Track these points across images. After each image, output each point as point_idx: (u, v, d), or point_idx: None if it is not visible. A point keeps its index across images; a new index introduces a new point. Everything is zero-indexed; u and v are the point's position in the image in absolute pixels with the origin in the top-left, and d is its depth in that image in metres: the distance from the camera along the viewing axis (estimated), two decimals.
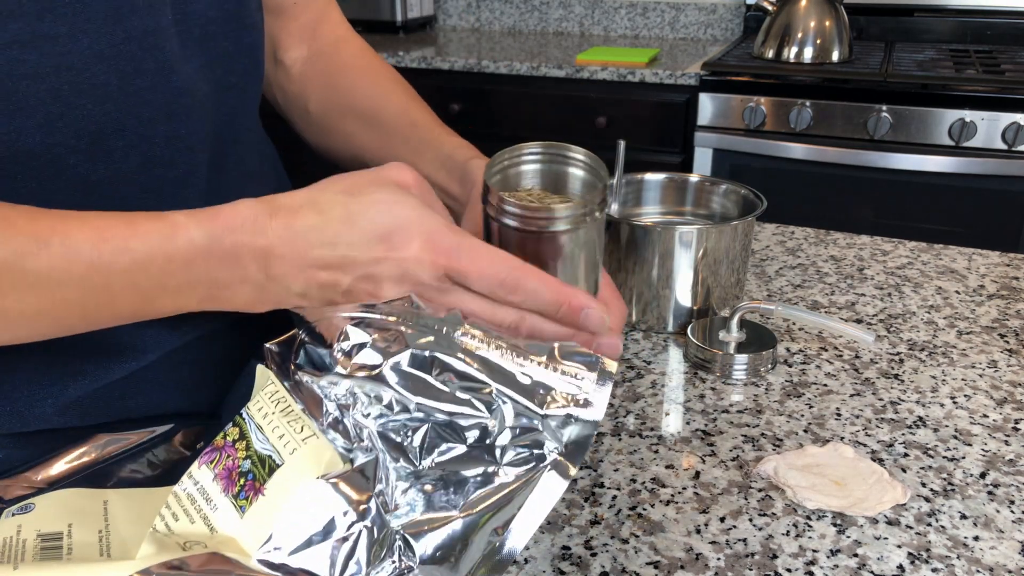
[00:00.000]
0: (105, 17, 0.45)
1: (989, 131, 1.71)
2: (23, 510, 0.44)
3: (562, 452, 0.42)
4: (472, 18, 2.80)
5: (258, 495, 0.41)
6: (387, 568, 0.40)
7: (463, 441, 0.42)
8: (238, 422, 0.44)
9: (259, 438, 0.42)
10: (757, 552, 0.49)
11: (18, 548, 0.41)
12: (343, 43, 0.71)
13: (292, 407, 0.44)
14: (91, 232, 0.39)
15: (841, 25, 1.95)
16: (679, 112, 2.03)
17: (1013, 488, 0.55)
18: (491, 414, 0.42)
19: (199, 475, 0.43)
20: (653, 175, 0.85)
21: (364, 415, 0.42)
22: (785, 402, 0.65)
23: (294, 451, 0.41)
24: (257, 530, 0.40)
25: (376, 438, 0.42)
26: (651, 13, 2.57)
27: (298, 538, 0.40)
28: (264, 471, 0.41)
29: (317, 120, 0.70)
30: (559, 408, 0.42)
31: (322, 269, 0.42)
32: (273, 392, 0.44)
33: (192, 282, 0.41)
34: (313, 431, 0.43)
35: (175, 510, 0.42)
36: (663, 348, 0.73)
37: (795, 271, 0.89)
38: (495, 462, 0.42)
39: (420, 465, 0.42)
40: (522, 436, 0.42)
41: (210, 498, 0.42)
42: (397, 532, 0.41)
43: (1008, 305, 0.81)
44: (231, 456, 0.42)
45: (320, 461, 0.41)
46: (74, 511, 0.44)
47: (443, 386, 0.42)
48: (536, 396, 0.42)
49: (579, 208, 0.45)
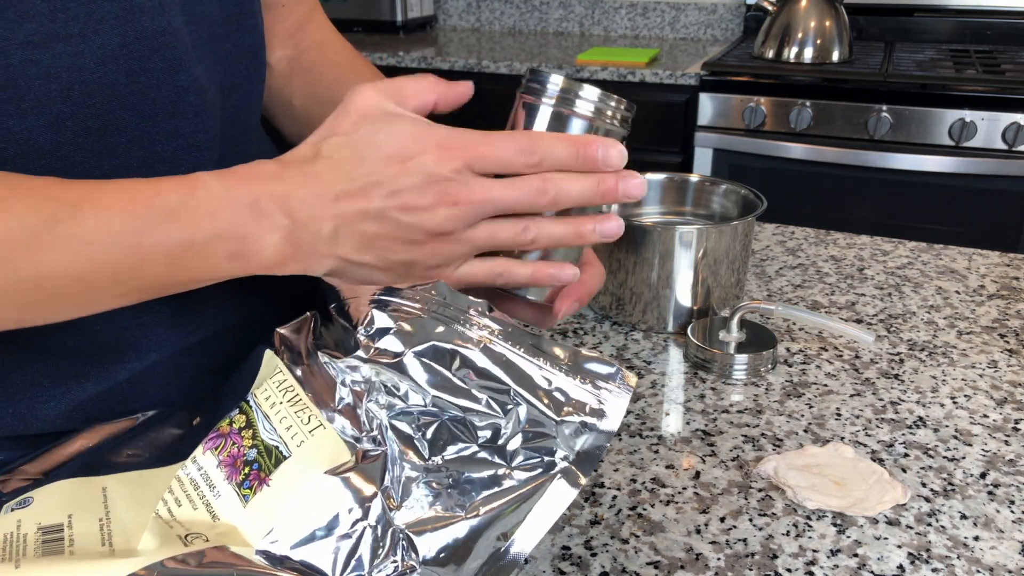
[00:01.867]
0: (117, 17, 0.45)
1: (989, 131, 1.71)
2: (22, 504, 0.44)
3: (573, 460, 0.42)
4: (472, 18, 2.80)
5: (263, 485, 0.41)
6: (389, 567, 0.40)
7: (474, 440, 0.42)
8: (244, 409, 0.44)
9: (266, 427, 0.42)
10: (757, 552, 0.49)
11: (19, 544, 0.41)
12: (327, 43, 0.73)
13: (300, 396, 0.43)
14: (120, 194, 0.40)
15: (841, 25, 1.95)
16: (679, 112, 2.03)
17: (1013, 488, 0.55)
18: (505, 415, 0.42)
19: (203, 460, 0.42)
20: (653, 175, 0.85)
21: (379, 405, 0.42)
22: (785, 402, 0.65)
23: (301, 443, 0.41)
24: (259, 521, 0.40)
25: (387, 429, 0.42)
26: (651, 13, 2.57)
27: (301, 532, 0.39)
28: (270, 462, 0.41)
29: (302, 114, 0.71)
30: (574, 416, 0.42)
31: (347, 200, 0.43)
32: (281, 381, 0.44)
33: (219, 235, 0.41)
34: (320, 421, 0.42)
35: (178, 495, 0.42)
36: (663, 348, 0.73)
37: (795, 271, 0.89)
38: (505, 464, 0.42)
39: (429, 461, 0.41)
40: (534, 440, 0.42)
41: (213, 484, 0.41)
42: (400, 531, 0.41)
43: (1008, 305, 0.81)
44: (236, 444, 0.42)
45: (327, 454, 0.41)
46: (73, 501, 0.44)
47: (461, 382, 0.42)
48: (553, 401, 0.42)
49: (611, 106, 0.49)
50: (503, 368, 0.42)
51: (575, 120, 0.48)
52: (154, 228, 0.40)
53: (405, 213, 0.43)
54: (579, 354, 0.44)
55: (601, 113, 0.48)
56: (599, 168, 0.46)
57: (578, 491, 0.41)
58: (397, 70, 2.24)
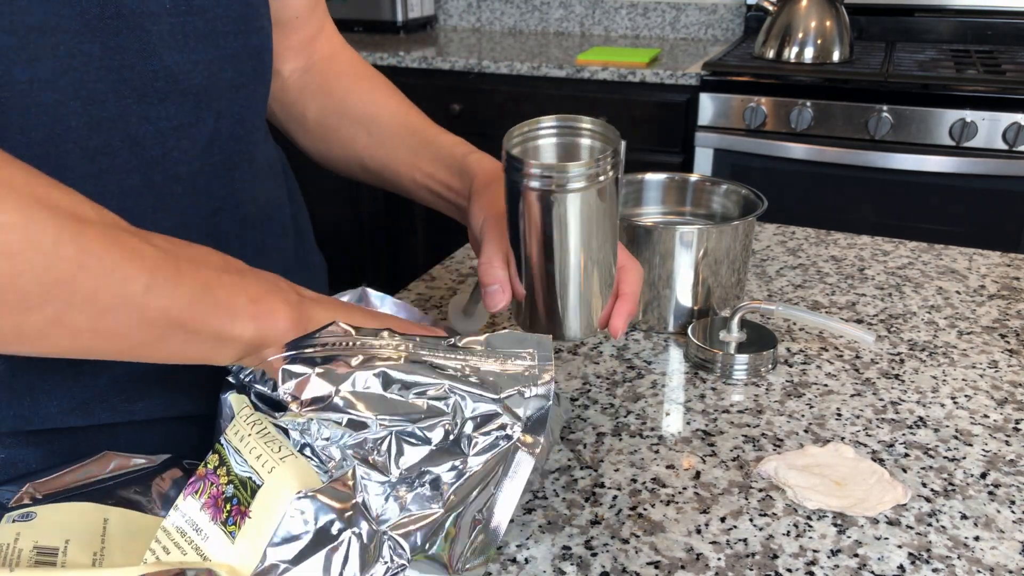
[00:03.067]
0: None
1: (990, 131, 1.71)
2: (24, 517, 0.44)
3: (525, 428, 0.44)
4: (472, 18, 2.80)
5: (245, 518, 0.41)
6: (379, 570, 0.41)
7: (428, 443, 0.43)
8: (217, 449, 0.44)
9: (237, 461, 0.43)
10: (757, 552, 0.49)
11: (13, 556, 0.41)
12: (338, 55, 0.73)
13: (268, 429, 0.44)
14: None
15: (842, 25, 1.94)
16: (680, 112, 2.03)
17: (1014, 488, 0.55)
18: (451, 411, 0.43)
19: (185, 507, 0.43)
20: (654, 175, 0.85)
21: (325, 439, 0.43)
22: (785, 402, 0.65)
23: (272, 469, 0.42)
24: (249, 553, 0.40)
25: (346, 453, 0.43)
26: (652, 13, 2.57)
27: (290, 552, 0.40)
28: (247, 493, 0.42)
29: (315, 127, 0.71)
30: (511, 389, 0.44)
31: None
32: (248, 415, 0.45)
33: (245, 276, 0.44)
34: (290, 451, 0.43)
35: (165, 544, 0.42)
36: (664, 348, 0.73)
37: (796, 271, 0.89)
38: (463, 454, 0.43)
39: (391, 475, 0.43)
40: (484, 425, 0.44)
41: (200, 528, 0.42)
42: (385, 534, 0.42)
43: (1008, 305, 0.81)
44: (214, 484, 0.43)
45: (298, 477, 0.42)
46: (73, 526, 0.44)
47: (398, 396, 0.43)
48: (487, 384, 0.44)
49: (592, 167, 0.48)
50: (431, 372, 0.44)
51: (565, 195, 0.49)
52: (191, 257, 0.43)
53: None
54: (491, 338, 0.47)
55: (589, 175, 0.48)
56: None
57: (535, 456, 0.43)
58: (397, 70, 2.23)
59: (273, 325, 0.44)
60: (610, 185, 0.50)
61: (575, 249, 0.51)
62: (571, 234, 0.50)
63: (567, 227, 0.50)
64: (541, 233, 0.50)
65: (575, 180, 0.48)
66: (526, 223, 0.50)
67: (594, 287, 0.54)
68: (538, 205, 0.49)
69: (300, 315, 0.45)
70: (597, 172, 0.48)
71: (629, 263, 0.57)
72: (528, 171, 0.48)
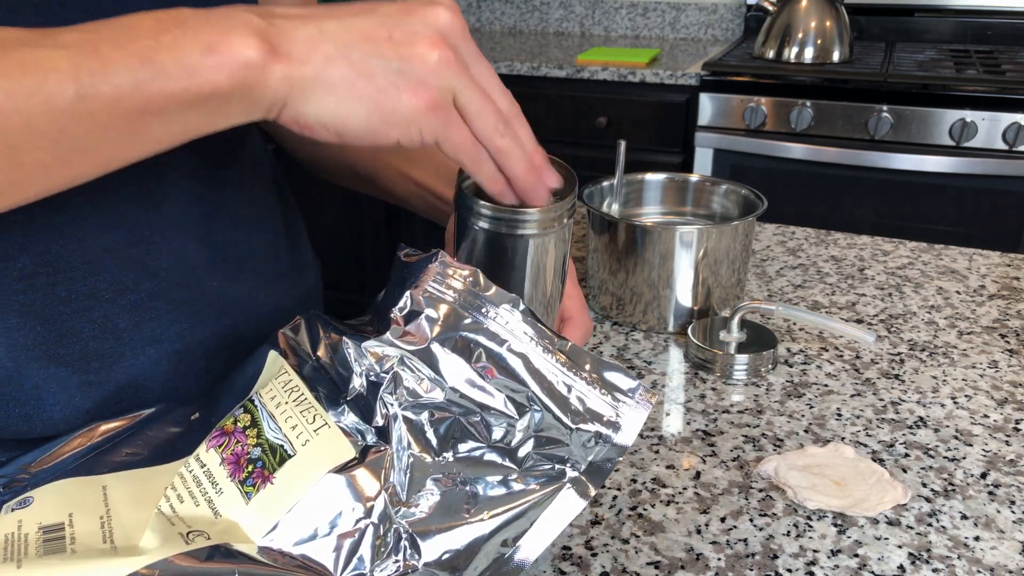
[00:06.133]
0: None
1: (990, 131, 1.71)
2: (22, 504, 0.44)
3: (583, 471, 0.41)
4: (472, 18, 2.80)
5: (266, 483, 0.41)
6: (391, 567, 0.40)
7: (487, 440, 0.42)
8: (249, 408, 0.43)
9: (271, 427, 0.42)
10: (758, 552, 0.49)
11: (20, 544, 0.41)
12: None
13: (306, 395, 0.43)
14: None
15: (841, 25, 1.95)
16: (679, 112, 2.03)
17: (1014, 488, 0.55)
18: (520, 417, 0.41)
19: (206, 458, 0.43)
20: (653, 175, 0.85)
21: (393, 396, 0.41)
22: (786, 402, 0.65)
23: (307, 442, 0.41)
24: (262, 517, 0.40)
25: (397, 420, 0.41)
26: (652, 13, 2.57)
27: (304, 529, 0.40)
28: (275, 460, 0.41)
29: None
30: (589, 425, 0.42)
31: (332, 17, 0.40)
32: (287, 381, 0.44)
33: (188, 29, 0.37)
34: (326, 420, 0.42)
35: (180, 491, 0.42)
36: (663, 348, 0.73)
37: (796, 271, 0.89)
38: (515, 468, 0.41)
39: (439, 457, 0.41)
40: (546, 447, 0.42)
41: (216, 482, 0.42)
42: (405, 531, 0.41)
43: (1009, 305, 0.81)
44: (240, 443, 0.42)
45: (332, 453, 0.41)
46: (73, 500, 0.44)
47: (480, 378, 0.41)
48: (570, 409, 0.42)
49: (549, 213, 0.46)
50: (524, 368, 0.42)
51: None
52: (116, 29, 0.36)
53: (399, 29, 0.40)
54: (602, 363, 0.43)
55: (544, 222, 0.46)
56: (537, 171, 0.44)
57: (587, 503, 0.41)
58: None
59: (246, 62, 0.37)
60: (562, 230, 0.48)
61: (518, 288, 0.49)
62: (515, 273, 0.48)
63: (512, 268, 0.48)
64: (486, 269, 0.47)
65: (527, 226, 0.46)
66: (472, 259, 0.48)
67: None
68: (486, 245, 0.47)
69: (274, 39, 0.38)
70: (552, 218, 0.46)
71: (579, 316, 0.54)
72: (479, 211, 0.46)
